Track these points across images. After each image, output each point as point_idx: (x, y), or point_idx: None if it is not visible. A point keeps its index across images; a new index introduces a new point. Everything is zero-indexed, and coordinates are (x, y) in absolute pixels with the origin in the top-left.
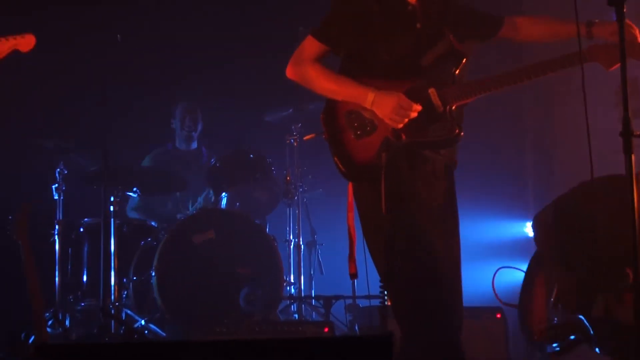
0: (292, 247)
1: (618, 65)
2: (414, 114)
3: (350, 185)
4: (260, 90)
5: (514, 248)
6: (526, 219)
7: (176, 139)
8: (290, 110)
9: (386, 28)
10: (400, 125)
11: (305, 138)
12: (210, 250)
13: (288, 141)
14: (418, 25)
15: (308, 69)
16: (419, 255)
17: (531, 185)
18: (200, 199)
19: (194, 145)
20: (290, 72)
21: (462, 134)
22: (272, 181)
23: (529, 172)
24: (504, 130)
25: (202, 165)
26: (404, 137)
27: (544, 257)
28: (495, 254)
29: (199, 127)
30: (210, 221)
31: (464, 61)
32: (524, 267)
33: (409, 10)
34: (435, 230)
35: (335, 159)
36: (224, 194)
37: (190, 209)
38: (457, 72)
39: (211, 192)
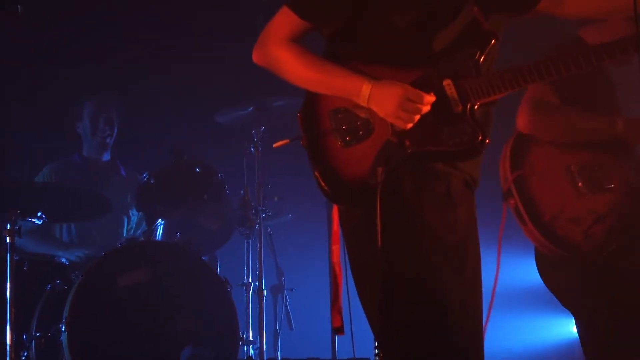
0: (251, 292)
1: None
2: (426, 108)
3: (335, 209)
4: (209, 82)
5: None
6: None
7: (83, 147)
8: (251, 108)
9: (385, 2)
10: (409, 125)
11: (276, 145)
12: (141, 297)
13: (247, 150)
14: None
15: (281, 51)
16: (427, 308)
17: None
18: (133, 221)
19: (107, 156)
20: (257, 55)
21: (487, 141)
22: (224, 204)
23: None
24: None
25: (123, 180)
26: (408, 144)
27: None
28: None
29: (115, 132)
30: (140, 257)
31: (492, 43)
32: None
33: None
34: (451, 275)
35: (316, 173)
36: (159, 220)
37: (122, 236)
38: (482, 58)
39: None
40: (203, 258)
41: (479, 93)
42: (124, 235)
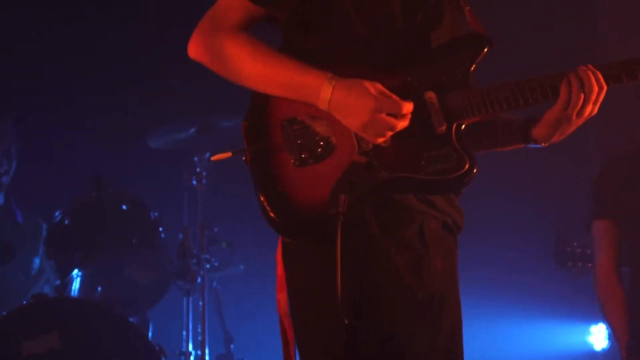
0: None
1: None
2: (403, 124)
3: (279, 249)
4: (139, 96)
5: None
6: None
7: None
8: (192, 130)
9: None
10: (380, 140)
11: (214, 158)
12: None
13: (188, 182)
14: None
15: (226, 41)
16: None
17: None
18: (36, 264)
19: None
20: (194, 46)
21: (475, 170)
22: (158, 251)
23: None
24: (557, 160)
25: (18, 227)
26: (378, 168)
27: None
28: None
29: (12, 169)
30: (51, 318)
31: (485, 50)
32: None
33: None
34: (422, 339)
35: (261, 197)
36: (75, 272)
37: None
38: (473, 67)
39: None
40: (131, 320)
41: (469, 110)
42: (24, 294)
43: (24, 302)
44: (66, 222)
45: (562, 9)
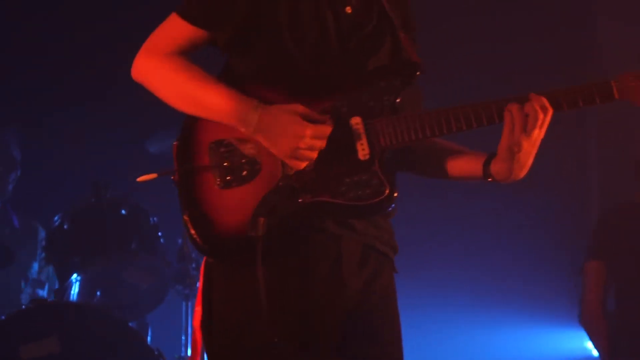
0: None
1: None
2: (321, 144)
3: (203, 264)
4: (138, 102)
5: None
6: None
7: None
8: None
9: (296, 5)
10: (302, 165)
11: (139, 179)
12: None
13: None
14: (348, 10)
15: (162, 64)
16: None
17: None
18: (35, 269)
19: None
20: (134, 69)
21: (396, 195)
22: (157, 255)
23: None
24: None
25: (15, 232)
26: (300, 192)
27: None
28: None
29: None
30: (50, 323)
31: (415, 76)
32: None
33: None
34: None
35: (185, 217)
36: (74, 276)
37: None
38: (399, 95)
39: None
40: (130, 324)
41: (392, 137)
42: (23, 298)
43: (23, 306)
44: (65, 226)
45: (559, 15)
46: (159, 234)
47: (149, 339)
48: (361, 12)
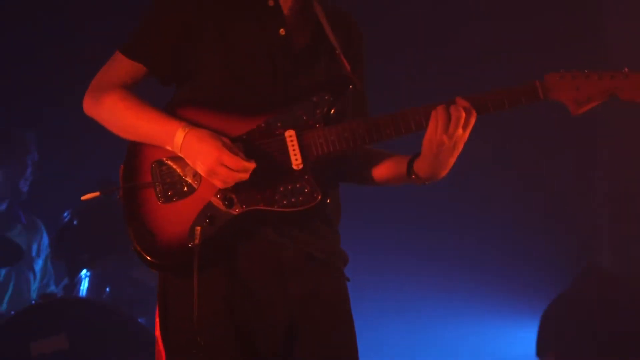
0: None
1: (591, 106)
2: (243, 176)
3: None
4: (151, 98)
5: None
6: None
7: None
8: None
9: (229, 32)
10: (224, 186)
11: (83, 198)
12: None
13: None
14: (282, 31)
15: (105, 98)
16: None
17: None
18: (39, 264)
19: (3, 205)
20: (84, 105)
21: (328, 201)
22: None
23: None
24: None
25: (23, 228)
26: (235, 203)
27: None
28: None
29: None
30: (59, 319)
31: (349, 89)
32: None
33: (269, 6)
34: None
35: (130, 231)
36: (84, 272)
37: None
38: (334, 106)
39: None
40: (139, 320)
41: (324, 146)
42: (31, 295)
43: (33, 302)
44: (75, 222)
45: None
46: None
47: None
48: (295, 33)
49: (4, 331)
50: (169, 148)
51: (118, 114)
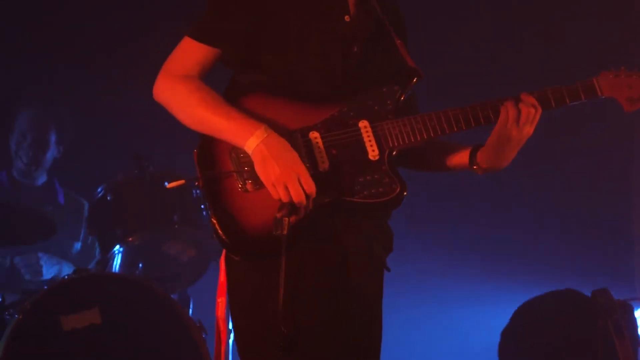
0: (230, 341)
1: None
2: (305, 199)
3: (222, 257)
4: None
5: None
6: None
7: (14, 165)
8: None
9: (297, 17)
10: (284, 198)
11: (168, 185)
12: (91, 344)
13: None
14: (347, 18)
15: (176, 86)
16: None
17: None
18: (76, 248)
19: (42, 178)
20: (155, 91)
21: (405, 194)
22: (200, 228)
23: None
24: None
25: (60, 209)
26: (319, 193)
27: None
28: None
29: (49, 156)
30: (91, 294)
31: (414, 81)
32: None
33: None
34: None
35: (214, 220)
36: (117, 247)
37: (61, 269)
38: (402, 98)
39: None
40: (172, 296)
41: (400, 139)
42: (60, 269)
43: (66, 276)
44: (108, 197)
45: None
46: (202, 207)
47: (190, 311)
48: (359, 20)
49: (36, 306)
50: (241, 147)
51: (192, 105)
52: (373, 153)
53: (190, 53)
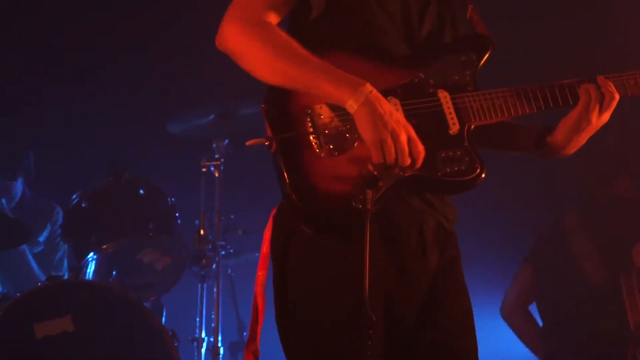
0: (204, 350)
1: None
2: (411, 159)
3: (269, 226)
4: (158, 82)
5: None
6: None
7: None
8: (211, 116)
9: None
10: (389, 159)
11: (248, 143)
12: (64, 351)
13: (205, 169)
14: None
15: (254, 33)
16: None
17: None
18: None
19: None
20: (224, 37)
21: (484, 175)
22: (174, 236)
23: None
24: None
25: (27, 203)
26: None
27: None
28: None
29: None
30: (64, 301)
31: (489, 53)
32: None
33: None
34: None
35: (288, 187)
36: (90, 255)
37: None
38: (478, 68)
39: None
40: (145, 304)
41: (481, 114)
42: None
43: (39, 283)
44: (83, 205)
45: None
46: (176, 214)
47: (163, 319)
48: None
49: (9, 312)
50: (342, 105)
51: (273, 56)
52: (454, 127)
53: None
